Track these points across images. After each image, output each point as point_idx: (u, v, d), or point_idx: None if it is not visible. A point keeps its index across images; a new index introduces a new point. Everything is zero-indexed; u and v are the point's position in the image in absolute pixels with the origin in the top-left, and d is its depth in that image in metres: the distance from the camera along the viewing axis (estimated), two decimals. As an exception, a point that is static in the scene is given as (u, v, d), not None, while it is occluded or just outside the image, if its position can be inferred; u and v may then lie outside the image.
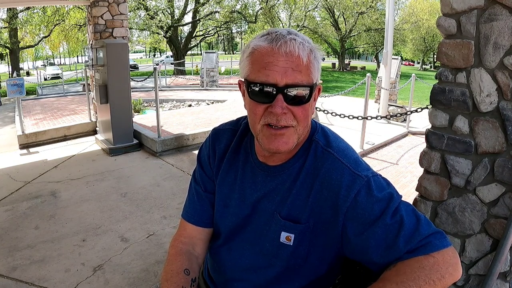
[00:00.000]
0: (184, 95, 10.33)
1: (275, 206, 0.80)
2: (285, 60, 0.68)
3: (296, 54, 0.68)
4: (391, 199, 0.72)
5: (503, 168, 1.28)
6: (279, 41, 0.69)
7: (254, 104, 0.72)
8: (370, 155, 4.71)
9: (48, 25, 19.97)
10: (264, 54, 0.69)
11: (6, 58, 27.27)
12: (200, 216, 0.91)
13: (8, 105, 10.75)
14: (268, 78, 0.68)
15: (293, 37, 0.70)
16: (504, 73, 1.23)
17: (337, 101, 9.10)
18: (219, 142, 0.89)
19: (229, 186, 0.87)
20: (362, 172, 0.74)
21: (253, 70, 0.71)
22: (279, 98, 0.69)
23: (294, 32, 0.72)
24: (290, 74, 0.68)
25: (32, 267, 2.19)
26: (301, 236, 0.78)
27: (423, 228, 0.69)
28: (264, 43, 0.70)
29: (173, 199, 3.24)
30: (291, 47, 0.68)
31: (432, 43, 33.19)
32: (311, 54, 0.70)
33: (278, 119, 0.70)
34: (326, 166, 0.76)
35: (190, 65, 21.27)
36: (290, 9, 27.13)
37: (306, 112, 0.73)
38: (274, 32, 0.71)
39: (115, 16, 5.26)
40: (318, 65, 0.73)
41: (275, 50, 0.68)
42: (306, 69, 0.69)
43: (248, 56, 0.72)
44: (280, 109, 0.69)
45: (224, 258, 0.88)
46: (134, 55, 55.19)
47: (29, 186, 3.56)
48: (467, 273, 1.45)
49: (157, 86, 4.78)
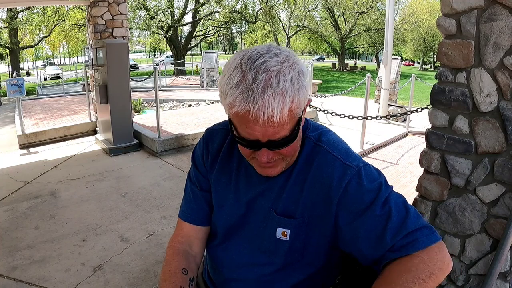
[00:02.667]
0: (184, 95, 10.33)
1: (270, 203, 0.80)
2: (264, 125, 0.64)
3: (276, 118, 0.62)
4: (381, 190, 0.72)
5: (503, 168, 1.28)
6: (256, 103, 0.61)
7: (241, 146, 0.73)
8: (370, 155, 4.71)
9: (48, 25, 19.98)
10: (242, 117, 0.64)
11: (6, 58, 27.27)
12: (196, 214, 0.92)
13: (8, 105, 10.76)
14: (250, 136, 0.67)
15: (272, 91, 0.61)
16: (504, 73, 1.23)
17: (337, 101, 9.09)
18: (212, 142, 0.90)
19: (223, 186, 0.87)
20: (353, 163, 0.74)
21: (234, 120, 0.68)
22: (264, 150, 0.69)
23: (271, 68, 0.62)
24: (271, 133, 0.65)
25: (32, 267, 2.19)
26: (296, 230, 0.78)
27: (410, 221, 0.69)
28: (239, 101, 0.62)
29: (173, 199, 3.24)
30: (269, 112, 0.61)
31: (432, 43, 33.18)
32: (294, 100, 0.64)
33: (265, 162, 0.72)
34: (318, 160, 0.77)
35: (190, 65, 21.26)
36: (290, 9, 27.15)
37: (294, 146, 0.73)
38: (249, 79, 0.62)
39: (115, 16, 5.27)
40: (305, 95, 0.67)
41: (252, 117, 0.62)
42: (288, 120, 0.65)
43: (227, 106, 0.66)
44: (266, 158, 0.71)
45: (222, 257, 0.89)
46: (134, 55, 55.20)
47: (29, 186, 3.56)
48: (467, 273, 1.45)
49: (157, 86, 4.78)
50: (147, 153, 4.73)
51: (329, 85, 17.79)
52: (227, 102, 0.65)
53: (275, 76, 0.62)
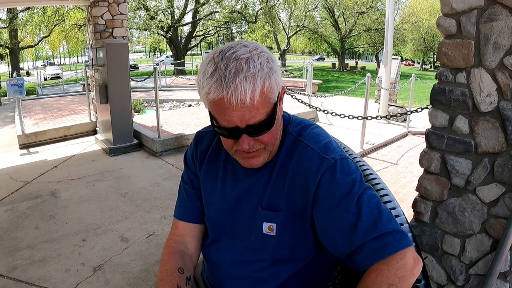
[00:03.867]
0: (184, 95, 10.33)
1: (257, 199, 0.81)
2: (239, 109, 0.67)
3: (249, 99, 0.65)
4: (354, 185, 0.72)
5: (503, 168, 1.28)
6: (229, 88, 0.65)
7: (223, 138, 0.75)
8: (370, 155, 4.71)
9: (48, 25, 19.97)
10: (218, 103, 0.67)
11: (6, 58, 27.26)
12: (190, 212, 0.94)
13: (8, 105, 10.76)
14: (229, 124, 0.69)
15: (243, 75, 0.65)
16: (504, 73, 1.23)
17: (337, 101, 9.09)
18: (201, 143, 0.93)
19: (210, 183, 0.89)
20: (330, 155, 0.75)
21: (213, 111, 0.71)
22: (244, 137, 0.71)
23: (241, 55, 0.66)
24: (248, 117, 0.68)
25: (32, 267, 2.19)
26: (282, 224, 0.79)
27: (382, 224, 0.69)
28: (214, 89, 0.66)
29: (173, 199, 3.24)
30: (242, 94, 0.65)
31: (432, 43, 33.17)
32: (265, 83, 0.67)
33: (248, 150, 0.73)
34: (297, 153, 0.79)
35: (190, 65, 21.27)
36: (290, 9, 27.14)
37: (273, 133, 0.75)
38: (221, 69, 0.66)
39: (115, 16, 5.27)
40: (276, 78, 0.70)
41: (227, 102, 0.66)
42: (263, 103, 0.68)
43: (204, 96, 0.69)
44: (247, 145, 0.72)
45: (214, 257, 0.90)
46: (134, 55, 55.20)
47: (29, 186, 3.56)
48: (467, 273, 1.45)
49: (157, 86, 4.78)
50: (147, 153, 4.73)
51: (329, 85, 17.79)
52: (203, 92, 0.68)
53: (245, 63, 0.66)
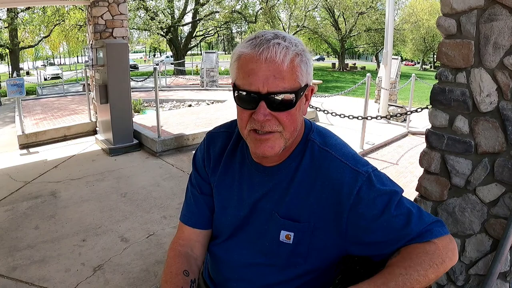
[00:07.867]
0: (184, 95, 10.33)
1: (273, 205, 0.80)
2: (267, 67, 0.67)
3: (278, 60, 0.67)
4: (394, 192, 0.75)
5: (503, 168, 1.28)
6: (262, 46, 0.68)
7: (240, 109, 0.74)
8: (370, 155, 4.71)
9: (48, 25, 19.96)
10: (248, 60, 0.69)
11: (6, 58, 27.26)
12: (197, 218, 0.92)
13: (8, 105, 10.75)
14: (251, 86, 0.69)
15: (277, 41, 0.68)
16: (504, 73, 1.23)
17: (337, 101, 9.09)
18: (214, 145, 0.90)
19: (227, 188, 0.87)
20: (362, 168, 0.76)
21: (239, 76, 0.71)
22: (262, 105, 0.69)
23: (282, 35, 0.70)
24: (271, 81, 0.67)
25: (32, 267, 2.19)
26: (300, 234, 0.78)
27: (425, 216, 0.74)
28: (248, 49, 0.69)
29: (173, 199, 3.24)
30: (273, 53, 0.67)
31: (432, 43, 33.16)
32: (296, 58, 0.69)
33: (262, 125, 0.71)
34: (326, 165, 0.77)
35: (190, 65, 21.26)
36: (290, 9, 27.10)
37: (292, 117, 0.73)
38: (260, 36, 0.70)
39: (115, 16, 5.27)
40: (308, 68, 0.72)
41: (256, 57, 0.67)
42: (290, 74, 0.68)
43: (235, 62, 0.72)
44: (263, 116, 0.70)
45: (223, 256, 0.89)
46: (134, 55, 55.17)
47: (29, 186, 3.56)
48: (467, 273, 1.45)
49: (157, 86, 4.78)
50: (147, 153, 4.73)
51: (329, 85, 17.78)
52: (236, 55, 0.71)
53: (281, 38, 0.70)
